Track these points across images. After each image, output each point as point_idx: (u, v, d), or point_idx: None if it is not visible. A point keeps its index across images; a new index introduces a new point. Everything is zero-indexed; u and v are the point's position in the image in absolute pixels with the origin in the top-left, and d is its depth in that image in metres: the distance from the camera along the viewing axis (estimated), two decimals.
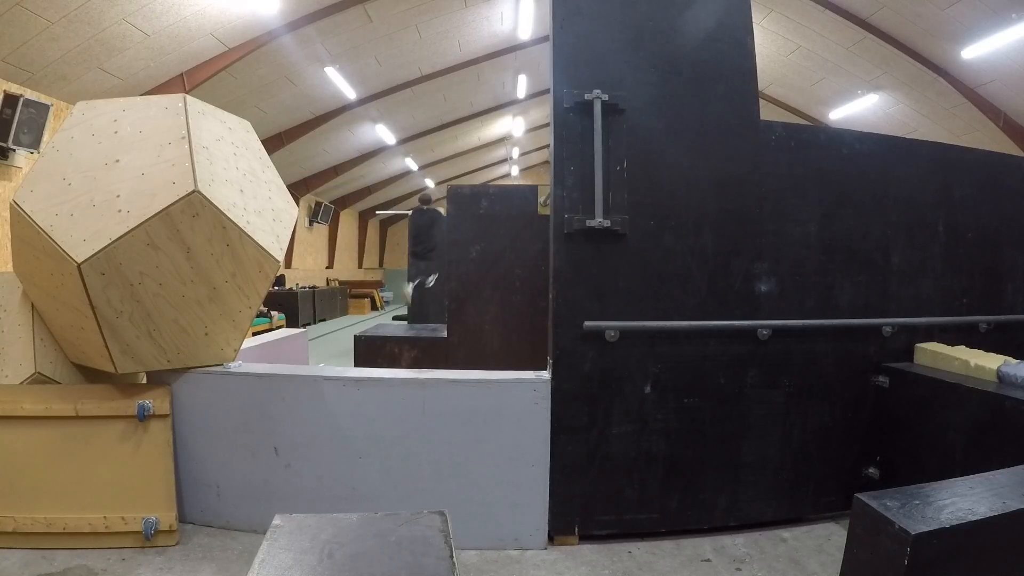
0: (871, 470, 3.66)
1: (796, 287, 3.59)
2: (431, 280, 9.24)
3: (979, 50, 10.43)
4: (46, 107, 8.64)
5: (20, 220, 3.10)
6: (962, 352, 3.47)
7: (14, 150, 8.48)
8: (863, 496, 1.64)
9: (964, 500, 1.61)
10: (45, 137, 8.56)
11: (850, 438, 3.67)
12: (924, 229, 3.84)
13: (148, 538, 3.18)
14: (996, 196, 4.04)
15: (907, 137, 3.98)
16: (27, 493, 3.20)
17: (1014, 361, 3.20)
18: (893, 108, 13.57)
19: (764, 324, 3.48)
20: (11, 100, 8.24)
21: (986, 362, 3.26)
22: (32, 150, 8.53)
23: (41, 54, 8.24)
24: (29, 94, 8.50)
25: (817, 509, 3.66)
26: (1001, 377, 3.12)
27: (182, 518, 3.44)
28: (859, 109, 14.24)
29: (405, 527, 1.85)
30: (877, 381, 3.64)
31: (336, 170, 18.96)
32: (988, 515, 1.52)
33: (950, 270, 3.89)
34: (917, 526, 1.46)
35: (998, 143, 11.51)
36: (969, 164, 4.01)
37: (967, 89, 11.60)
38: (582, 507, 3.39)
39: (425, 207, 10.01)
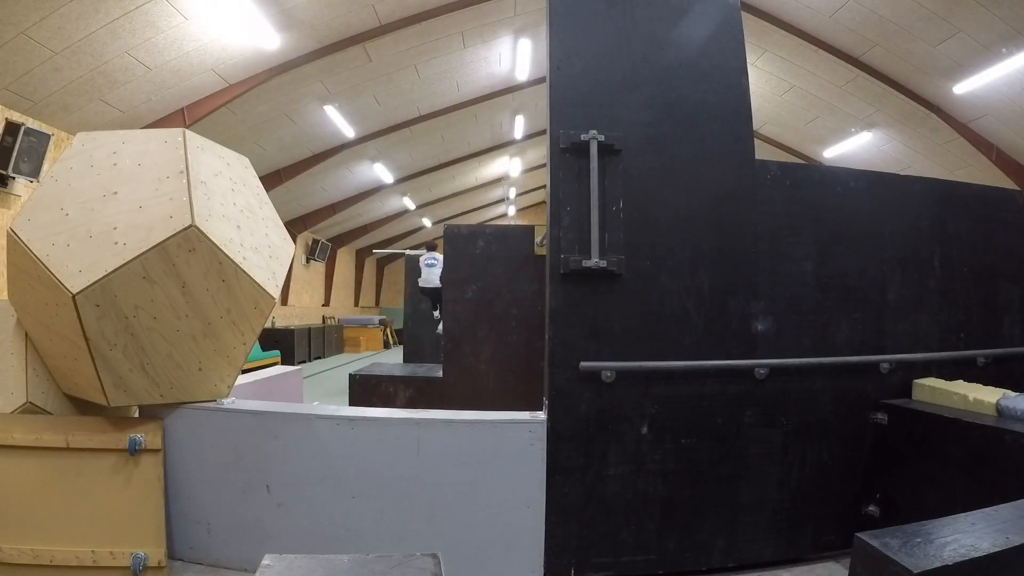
0: (871, 508, 3.61)
1: (793, 325, 3.58)
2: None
3: (971, 85, 10.62)
4: (47, 136, 8.72)
5: (16, 248, 3.09)
6: (960, 387, 3.46)
7: (14, 178, 8.54)
8: (864, 535, 1.62)
9: (966, 536, 1.58)
10: (45, 166, 8.62)
11: (849, 476, 3.63)
12: (920, 265, 3.85)
13: (136, 574, 3.11)
14: (991, 230, 4.07)
15: (901, 174, 4.02)
16: (14, 524, 3.13)
17: (1013, 394, 3.20)
18: (887, 145, 13.76)
19: (761, 363, 3.46)
20: (12, 128, 8.31)
21: (985, 396, 3.25)
22: (31, 179, 8.58)
23: (44, 84, 8.34)
24: (30, 123, 8.58)
25: (817, 548, 3.60)
26: (1000, 411, 3.11)
27: (171, 554, 3.37)
28: (853, 147, 14.43)
29: (397, 570, 1.81)
30: (875, 418, 3.62)
31: (334, 208, 19.07)
32: (991, 551, 1.50)
33: (947, 305, 3.90)
34: (919, 564, 1.44)
35: (991, 177, 11.66)
36: (963, 198, 4.05)
37: (960, 125, 11.77)
38: (578, 549, 3.33)
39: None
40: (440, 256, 10.35)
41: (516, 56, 12.61)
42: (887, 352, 3.72)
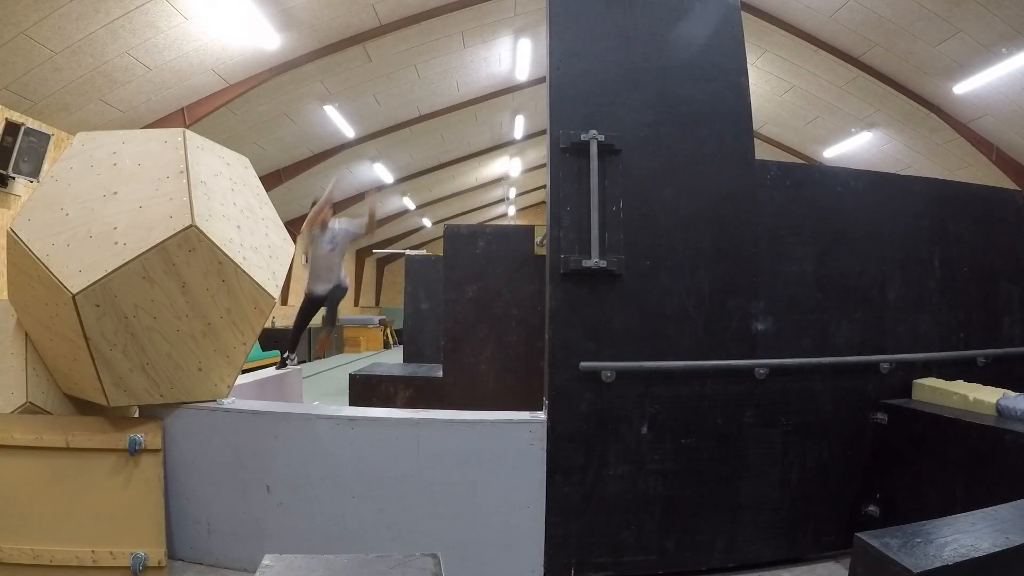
0: (871, 508, 3.61)
1: (793, 325, 3.57)
2: None
3: (971, 85, 10.64)
4: (47, 136, 8.72)
5: (16, 248, 3.09)
6: (960, 387, 3.46)
7: (14, 178, 8.55)
8: (864, 535, 1.62)
9: (966, 536, 1.58)
10: (45, 166, 8.63)
11: (849, 476, 3.63)
12: (920, 264, 3.84)
13: (136, 574, 3.11)
14: (991, 229, 4.06)
15: (901, 174, 4.01)
16: (14, 523, 3.12)
17: (1013, 394, 3.19)
18: (887, 145, 13.76)
19: (761, 363, 3.45)
20: (12, 128, 8.32)
21: (985, 396, 3.24)
22: (31, 179, 8.59)
23: (44, 84, 8.36)
24: (30, 123, 8.59)
25: (817, 548, 3.60)
26: (1000, 411, 3.11)
27: (172, 554, 3.36)
28: (853, 147, 14.43)
29: (397, 570, 1.80)
30: (875, 418, 3.61)
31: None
32: (991, 551, 1.50)
33: (947, 305, 3.89)
34: (919, 564, 1.43)
35: (991, 177, 11.66)
36: (963, 198, 4.05)
37: (960, 124, 11.78)
38: (578, 549, 3.33)
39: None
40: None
41: (516, 56, 12.62)
42: (887, 352, 3.71)
